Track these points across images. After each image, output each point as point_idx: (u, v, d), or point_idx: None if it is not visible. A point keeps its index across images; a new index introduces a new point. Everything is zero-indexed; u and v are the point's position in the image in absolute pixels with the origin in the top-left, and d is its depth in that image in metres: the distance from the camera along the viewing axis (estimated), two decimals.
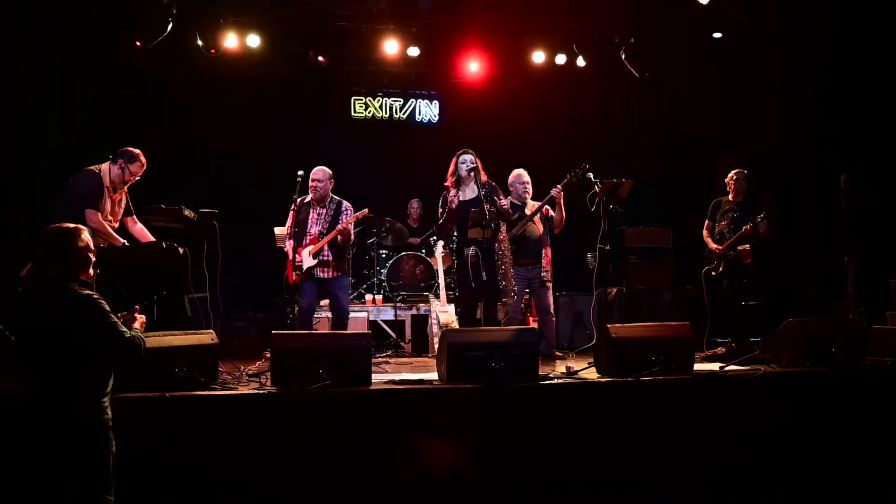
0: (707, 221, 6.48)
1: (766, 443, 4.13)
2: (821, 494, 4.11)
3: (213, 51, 7.57)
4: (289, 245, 5.69)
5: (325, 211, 5.81)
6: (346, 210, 5.83)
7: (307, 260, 5.67)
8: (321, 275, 5.71)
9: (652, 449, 4.02)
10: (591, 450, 3.97)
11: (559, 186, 5.90)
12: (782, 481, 4.11)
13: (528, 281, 6.04)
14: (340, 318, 5.81)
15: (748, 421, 4.16)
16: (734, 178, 6.34)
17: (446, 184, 5.60)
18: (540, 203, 6.01)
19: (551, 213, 6.07)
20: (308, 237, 5.74)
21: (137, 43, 7.06)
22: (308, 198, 5.78)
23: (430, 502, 3.80)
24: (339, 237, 5.64)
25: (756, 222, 5.99)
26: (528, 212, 6.02)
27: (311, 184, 5.70)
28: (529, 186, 6.10)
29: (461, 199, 5.54)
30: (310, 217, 5.77)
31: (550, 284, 6.13)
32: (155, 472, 3.53)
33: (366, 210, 5.90)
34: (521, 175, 6.13)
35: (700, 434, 4.09)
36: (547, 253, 6.09)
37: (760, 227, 6.00)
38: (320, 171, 5.77)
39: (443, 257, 6.27)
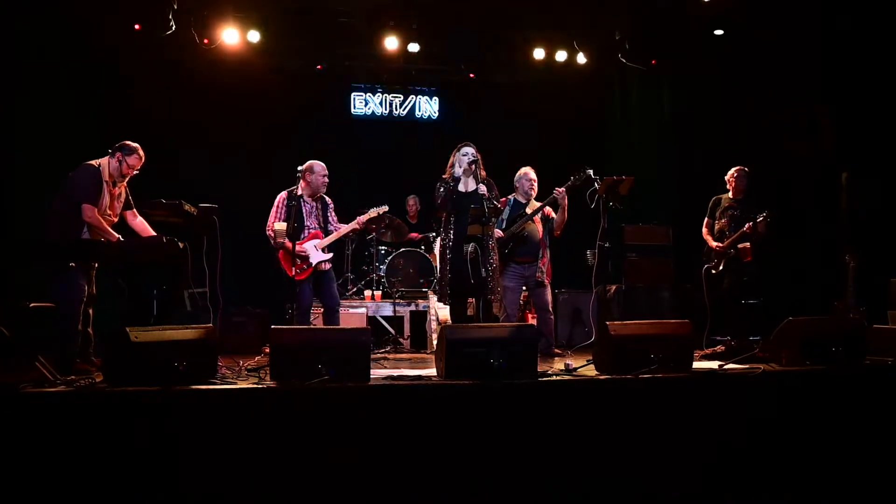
0: (706, 219, 6.48)
1: (765, 442, 4.13)
2: (820, 494, 4.10)
3: (206, 41, 7.55)
4: (282, 238, 5.56)
5: (316, 205, 5.83)
6: (330, 205, 5.91)
7: (316, 254, 5.66)
8: (325, 267, 5.74)
9: (650, 446, 4.01)
10: (590, 447, 3.97)
11: (563, 189, 5.86)
12: (781, 481, 4.11)
13: (525, 279, 6.03)
14: (334, 309, 5.81)
15: (747, 420, 4.15)
16: (734, 175, 6.34)
17: (444, 176, 5.59)
18: (541, 203, 6.00)
19: (553, 214, 6.05)
20: (307, 231, 5.72)
21: (136, 26, 7.03)
22: (297, 191, 5.70)
23: (427, 500, 3.80)
24: (354, 229, 5.85)
25: (757, 221, 5.98)
26: (528, 211, 6.00)
27: (322, 179, 5.73)
28: (535, 184, 6.09)
29: (461, 190, 5.52)
30: (303, 211, 5.74)
31: (548, 283, 6.13)
32: (153, 467, 3.53)
33: (385, 207, 6.06)
34: (527, 172, 6.12)
35: (698, 432, 4.09)
36: (545, 253, 6.08)
37: (760, 226, 6.00)
38: (324, 167, 5.78)
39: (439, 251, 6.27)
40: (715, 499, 4.03)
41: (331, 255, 5.73)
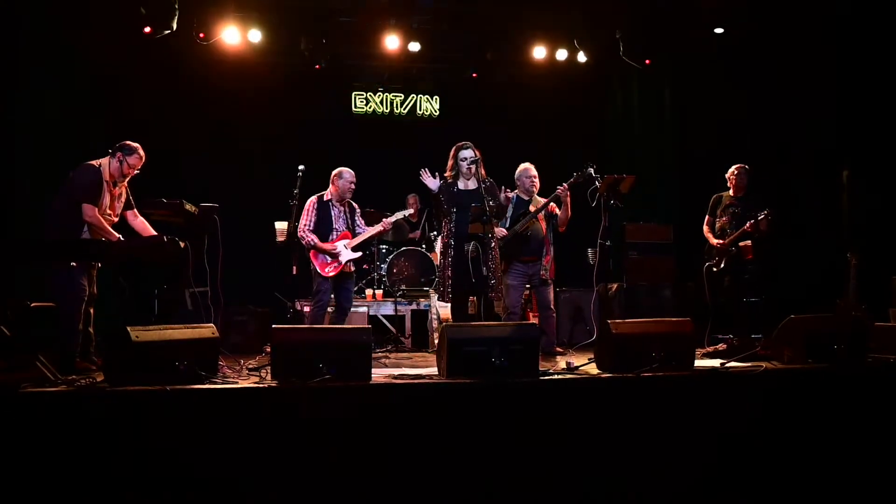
0: (707, 217, 6.47)
1: (767, 440, 4.12)
2: (822, 493, 4.10)
3: (201, 34, 7.54)
4: (314, 238, 5.88)
5: (345, 209, 6.11)
6: (357, 210, 6.23)
7: (346, 253, 5.96)
8: (351, 268, 6.08)
9: (652, 445, 4.01)
10: (591, 446, 3.96)
11: (565, 185, 5.83)
12: (783, 479, 4.10)
13: (529, 277, 6.01)
14: (347, 309, 6.12)
15: (749, 418, 4.15)
16: (735, 172, 6.32)
17: (445, 175, 5.58)
18: (545, 200, 5.98)
19: (556, 211, 6.04)
20: (336, 233, 5.98)
21: (147, 29, 7.04)
22: (326, 196, 6.04)
23: (428, 499, 3.79)
24: (380, 231, 6.23)
25: (758, 219, 5.97)
26: (532, 208, 5.98)
27: (349, 185, 6.03)
28: (536, 180, 6.05)
29: (461, 188, 5.51)
30: (332, 214, 6.02)
31: (551, 281, 6.11)
32: (154, 466, 3.53)
33: (409, 210, 6.62)
34: (528, 169, 6.09)
35: (700, 430, 4.08)
36: (549, 250, 6.07)
37: (762, 223, 5.98)
38: (353, 174, 6.08)
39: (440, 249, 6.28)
40: (716, 498, 4.02)
41: (360, 254, 6.08)
